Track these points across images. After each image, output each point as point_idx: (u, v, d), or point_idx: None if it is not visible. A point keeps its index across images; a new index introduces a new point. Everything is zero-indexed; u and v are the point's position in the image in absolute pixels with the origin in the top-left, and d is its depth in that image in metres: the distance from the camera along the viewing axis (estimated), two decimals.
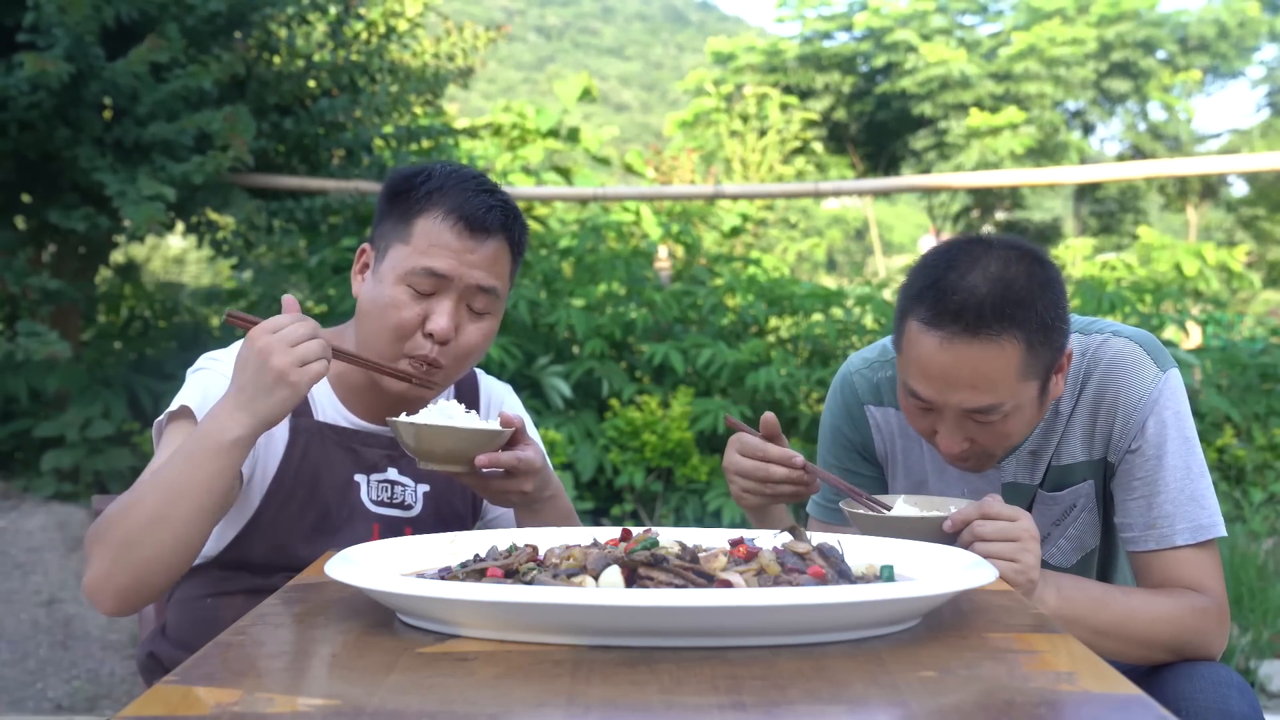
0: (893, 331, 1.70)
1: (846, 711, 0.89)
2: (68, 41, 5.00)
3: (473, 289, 1.72)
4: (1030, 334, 1.58)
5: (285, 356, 1.48)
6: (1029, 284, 1.59)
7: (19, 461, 5.79)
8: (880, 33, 17.82)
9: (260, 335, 1.50)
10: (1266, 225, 17.83)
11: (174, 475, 1.51)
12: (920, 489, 1.87)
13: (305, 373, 1.50)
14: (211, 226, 6.20)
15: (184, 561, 1.54)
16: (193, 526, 1.51)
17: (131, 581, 1.52)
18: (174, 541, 1.50)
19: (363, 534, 1.77)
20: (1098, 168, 8.04)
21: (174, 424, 1.71)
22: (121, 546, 1.50)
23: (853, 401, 1.90)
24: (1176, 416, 1.70)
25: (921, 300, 1.62)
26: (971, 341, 1.57)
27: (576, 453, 5.19)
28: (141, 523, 1.50)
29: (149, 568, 1.51)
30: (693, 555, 1.19)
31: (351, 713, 0.87)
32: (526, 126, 8.60)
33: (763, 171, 13.99)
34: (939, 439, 1.66)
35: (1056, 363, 1.65)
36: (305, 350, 1.50)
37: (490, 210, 1.72)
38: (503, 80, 55.06)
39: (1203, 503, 1.68)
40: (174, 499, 1.50)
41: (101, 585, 1.52)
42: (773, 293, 5.89)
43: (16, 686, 4.02)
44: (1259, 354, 5.94)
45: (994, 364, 1.57)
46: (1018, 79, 17.62)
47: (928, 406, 1.64)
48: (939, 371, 1.59)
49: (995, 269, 1.59)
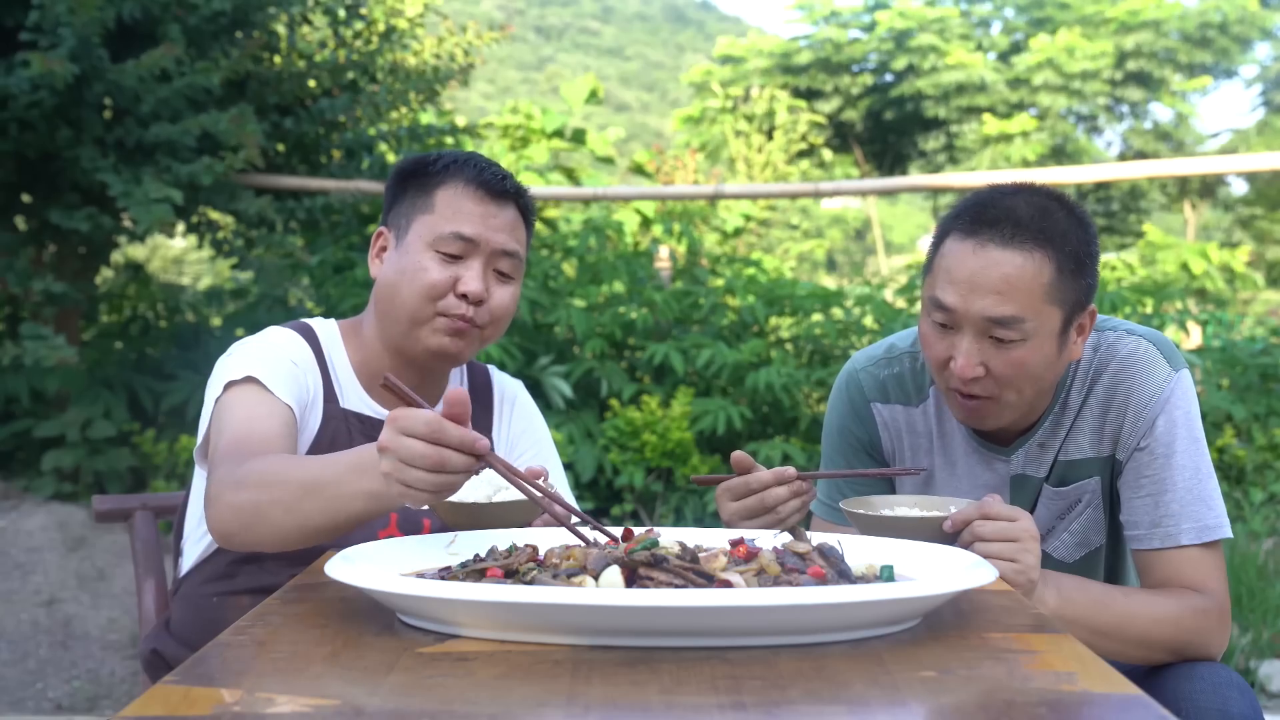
0: (924, 266, 1.73)
1: (846, 711, 0.89)
2: (73, 42, 5.00)
3: (498, 252, 1.78)
4: (1062, 259, 1.62)
5: (395, 471, 1.23)
6: (1068, 218, 1.65)
7: (19, 461, 5.79)
8: (903, 35, 17.78)
9: (390, 427, 1.24)
10: (1265, 225, 17.82)
11: (329, 481, 1.37)
12: (928, 485, 1.87)
13: (412, 496, 1.26)
14: (212, 226, 6.21)
15: (300, 545, 1.46)
16: (321, 533, 1.42)
17: (254, 540, 1.47)
18: (304, 532, 1.42)
19: (379, 524, 1.77)
20: (1099, 168, 8.04)
21: (238, 389, 1.66)
22: (254, 514, 1.43)
23: (859, 399, 1.90)
24: (1187, 416, 1.70)
25: (961, 216, 1.66)
26: (1005, 247, 1.61)
27: (576, 453, 5.20)
28: (278, 506, 1.41)
29: (271, 539, 1.45)
30: (693, 555, 1.19)
31: (351, 713, 0.87)
32: (532, 127, 8.60)
33: (767, 172, 13.99)
34: (955, 362, 1.65)
35: (1082, 308, 1.67)
36: (417, 479, 1.23)
37: (505, 178, 1.80)
38: (503, 80, 55.07)
39: (1210, 503, 1.68)
40: (315, 505, 1.38)
41: (225, 530, 1.48)
42: (773, 293, 5.89)
43: (16, 686, 4.02)
44: (1259, 354, 5.94)
45: (1023, 273, 1.60)
46: (1034, 88, 17.60)
47: (948, 323, 1.65)
48: (967, 275, 1.62)
49: (1037, 199, 1.66)
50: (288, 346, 1.78)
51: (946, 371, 1.68)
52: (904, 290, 6.07)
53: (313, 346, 1.81)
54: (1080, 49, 17.40)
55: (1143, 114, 19.58)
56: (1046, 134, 17.36)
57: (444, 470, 1.22)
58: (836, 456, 1.93)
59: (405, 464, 1.22)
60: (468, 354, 1.80)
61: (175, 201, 5.21)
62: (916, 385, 1.87)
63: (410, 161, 1.84)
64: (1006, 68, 18.13)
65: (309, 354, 1.79)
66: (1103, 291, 5.75)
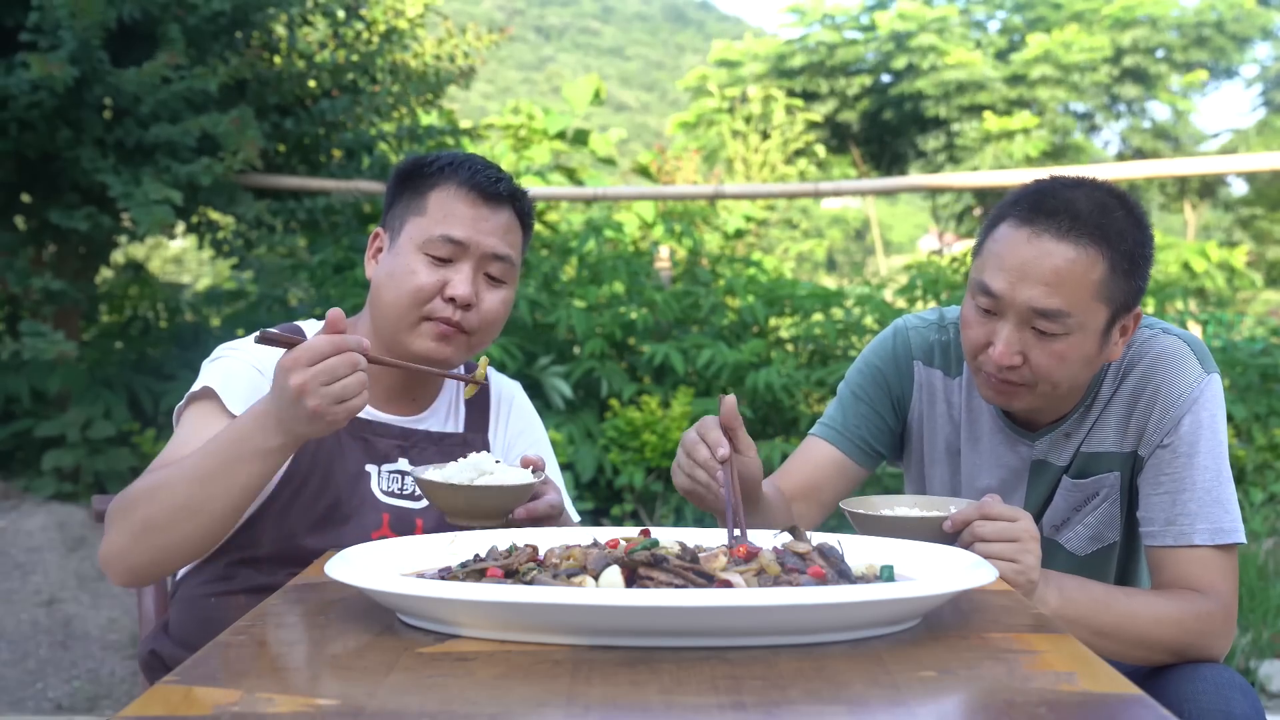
0: (974, 248, 1.71)
1: (846, 711, 0.89)
2: (73, 44, 4.99)
3: (488, 256, 1.77)
4: (1116, 257, 1.60)
5: (319, 399, 1.41)
6: (1127, 217, 1.63)
7: (19, 461, 5.79)
8: (903, 36, 17.78)
9: (295, 369, 1.41)
10: (1264, 224, 17.82)
11: (210, 468, 1.50)
12: (953, 459, 1.87)
13: (341, 410, 1.43)
14: (212, 226, 6.20)
15: (203, 550, 1.58)
16: (221, 520, 1.53)
17: (148, 562, 1.56)
18: (200, 532, 1.53)
19: (372, 525, 1.77)
20: (1099, 168, 8.03)
21: (196, 404, 1.73)
22: (145, 528, 1.53)
23: (903, 352, 1.89)
24: (1213, 420, 1.70)
25: (1019, 204, 1.64)
26: (1060, 240, 1.59)
27: (576, 453, 5.19)
28: (169, 509, 1.51)
29: (169, 552, 1.55)
30: (693, 555, 1.19)
31: (351, 713, 0.87)
32: (534, 127, 8.60)
33: (765, 172, 13.99)
34: (994, 349, 1.63)
35: (1129, 310, 1.65)
36: (342, 389, 1.42)
37: (499, 181, 1.79)
38: (502, 80, 55.06)
39: (1226, 507, 1.67)
40: (208, 492, 1.50)
41: (118, 560, 1.56)
42: (773, 293, 5.89)
43: (16, 686, 4.02)
44: (1259, 354, 5.94)
45: (1075, 268, 1.58)
46: (1032, 84, 17.60)
47: (992, 309, 1.63)
48: (1018, 263, 1.60)
49: (1098, 195, 1.63)
50: (258, 354, 1.76)
51: (983, 356, 1.67)
52: (904, 290, 6.07)
53: None
54: (1077, 42, 17.42)
55: (1140, 112, 19.57)
56: (1046, 130, 17.36)
57: (359, 367, 1.42)
58: (860, 392, 1.90)
59: (328, 384, 1.40)
60: (456, 360, 1.79)
61: (175, 202, 5.21)
62: (958, 357, 1.86)
63: (408, 163, 1.84)
64: (1004, 65, 18.14)
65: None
66: None
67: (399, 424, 1.82)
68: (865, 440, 1.89)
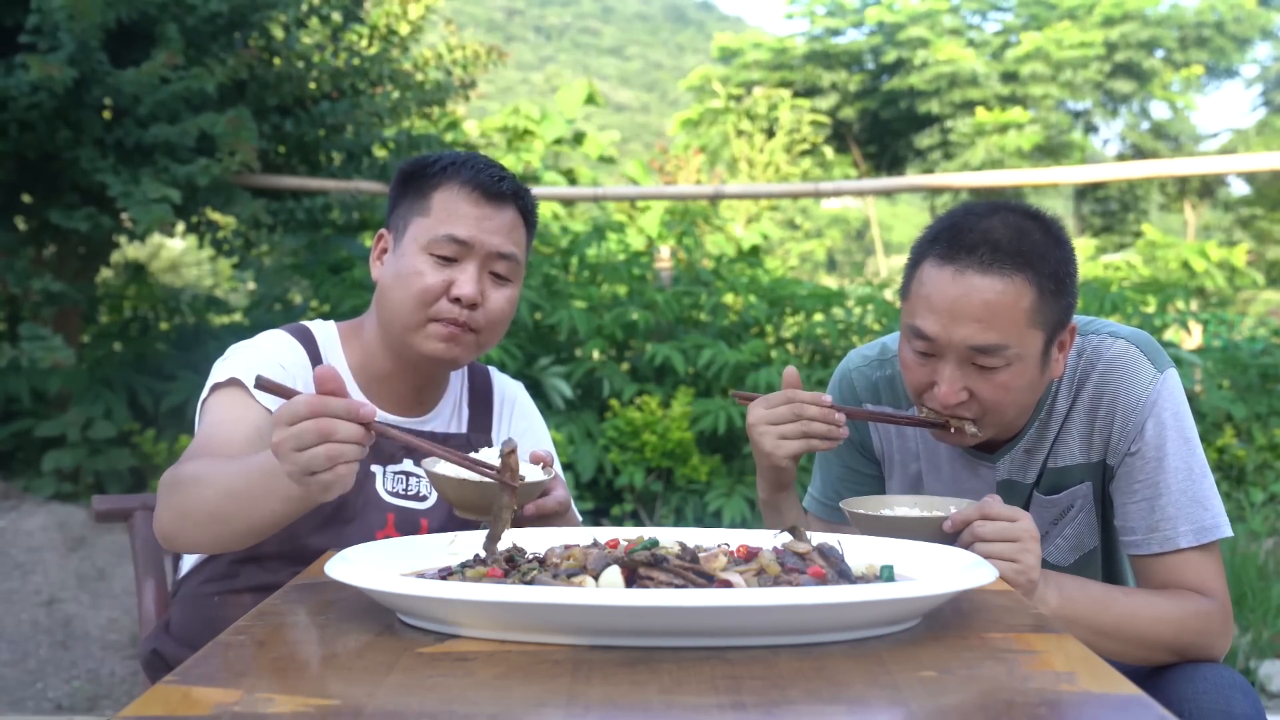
0: (901, 289, 1.70)
1: (846, 711, 0.89)
2: (72, 46, 5.00)
3: (493, 255, 1.77)
4: (1042, 281, 1.59)
5: (289, 464, 1.24)
6: (1045, 238, 1.62)
7: (20, 461, 5.79)
8: (893, 28, 17.82)
9: (277, 425, 1.25)
10: (1264, 224, 17.82)
11: (240, 489, 1.42)
12: (915, 486, 1.87)
13: (314, 482, 1.24)
14: (212, 226, 6.20)
15: (231, 547, 1.56)
16: (244, 537, 1.50)
17: (191, 543, 1.57)
18: (228, 535, 1.50)
19: (376, 525, 1.77)
20: (1099, 167, 8.03)
21: (223, 390, 1.71)
22: (182, 515, 1.52)
23: (850, 398, 1.91)
24: (1175, 417, 1.69)
25: (937, 241, 1.63)
26: (985, 274, 1.58)
27: (577, 453, 5.20)
28: (201, 510, 1.49)
29: (202, 544, 1.57)
30: (693, 555, 1.19)
31: (351, 713, 0.87)
32: (533, 130, 8.62)
33: (769, 173, 13.99)
34: (938, 389, 1.63)
35: (1063, 327, 1.65)
36: (309, 459, 1.23)
37: (502, 180, 1.79)
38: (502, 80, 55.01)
39: (1206, 504, 1.67)
40: (234, 508, 1.45)
41: (164, 535, 1.57)
42: (774, 293, 5.89)
43: (16, 686, 4.02)
44: (1260, 354, 5.94)
45: (1004, 300, 1.58)
46: (1024, 80, 17.62)
47: (929, 351, 1.63)
48: (948, 304, 1.59)
49: (1013, 220, 1.62)
50: (279, 350, 1.78)
51: (927, 395, 1.67)
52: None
53: (308, 349, 1.81)
54: (1068, 38, 17.46)
55: (1139, 111, 19.59)
56: (1040, 126, 17.38)
57: (333, 438, 1.21)
58: (830, 454, 1.93)
59: (297, 450, 1.22)
60: (465, 359, 1.80)
61: (174, 201, 5.21)
62: (905, 389, 1.86)
63: (411, 163, 1.84)
64: (997, 62, 18.17)
65: (302, 357, 1.80)
66: (1104, 292, 5.75)
67: (404, 425, 1.83)
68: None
